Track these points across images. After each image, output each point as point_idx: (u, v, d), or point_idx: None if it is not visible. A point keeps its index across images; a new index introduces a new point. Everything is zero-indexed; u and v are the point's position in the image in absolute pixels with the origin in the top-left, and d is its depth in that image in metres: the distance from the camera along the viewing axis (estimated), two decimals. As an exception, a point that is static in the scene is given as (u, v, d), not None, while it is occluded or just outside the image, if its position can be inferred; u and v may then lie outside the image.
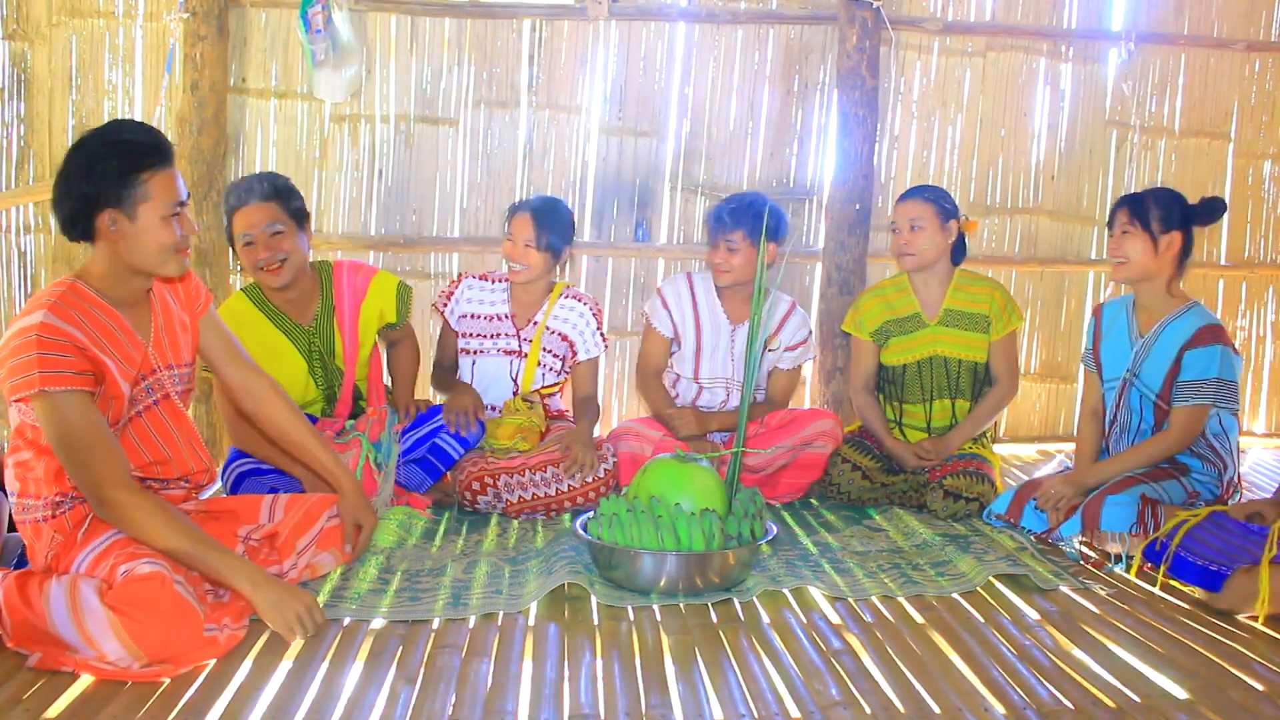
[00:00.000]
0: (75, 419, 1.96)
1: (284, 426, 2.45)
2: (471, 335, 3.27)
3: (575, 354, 3.28)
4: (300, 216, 2.91)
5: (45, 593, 1.94)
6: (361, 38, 3.88)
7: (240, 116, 3.91)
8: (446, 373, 3.32)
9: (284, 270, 2.85)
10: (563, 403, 3.45)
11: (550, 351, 3.26)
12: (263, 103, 3.92)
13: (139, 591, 1.90)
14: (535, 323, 3.26)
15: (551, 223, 3.17)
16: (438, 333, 3.46)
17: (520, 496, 2.97)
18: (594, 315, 3.29)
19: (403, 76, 3.97)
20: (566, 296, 3.29)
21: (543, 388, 3.27)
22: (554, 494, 2.98)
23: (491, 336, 3.25)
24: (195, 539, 2.03)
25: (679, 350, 3.38)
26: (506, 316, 3.25)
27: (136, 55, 3.83)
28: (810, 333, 3.44)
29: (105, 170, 1.99)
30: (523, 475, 2.98)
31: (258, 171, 3.03)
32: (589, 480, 2.99)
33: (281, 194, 2.86)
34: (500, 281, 3.28)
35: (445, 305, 3.28)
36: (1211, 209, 2.88)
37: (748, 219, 3.18)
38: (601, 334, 3.29)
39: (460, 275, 3.33)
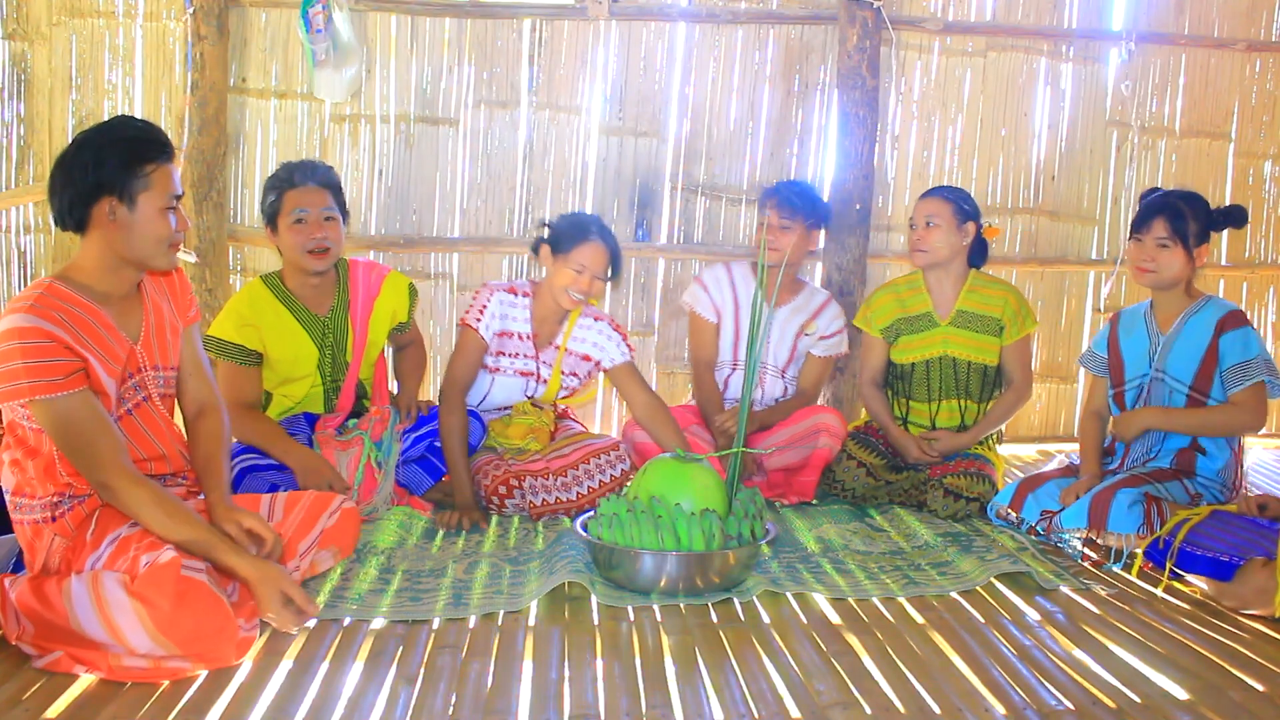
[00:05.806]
0: (73, 415, 1.98)
1: (204, 439, 2.30)
2: (494, 353, 3.13)
3: (600, 366, 3.21)
4: (345, 213, 3.01)
5: (66, 591, 1.93)
6: (361, 38, 3.88)
7: (240, 116, 3.91)
8: (459, 396, 3.03)
9: (328, 257, 2.92)
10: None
11: (572, 373, 3.22)
12: (263, 102, 3.92)
13: (162, 579, 1.89)
14: (556, 345, 3.18)
15: (619, 253, 3.08)
16: (453, 342, 3.29)
17: (544, 500, 2.99)
18: (614, 329, 3.20)
19: (403, 76, 3.97)
20: (585, 316, 3.19)
21: (559, 399, 3.30)
22: (574, 498, 2.99)
23: (511, 356, 3.15)
24: (194, 525, 2.04)
25: (720, 335, 3.44)
26: (528, 336, 3.14)
27: (136, 55, 3.83)
28: (844, 325, 3.48)
29: (111, 159, 2.04)
30: (546, 479, 3.00)
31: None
32: (606, 481, 3.01)
33: (336, 187, 2.98)
34: (525, 296, 3.14)
35: (479, 321, 3.06)
36: (1238, 218, 2.88)
37: (807, 204, 3.29)
38: (628, 344, 3.21)
39: (487, 286, 3.12)
